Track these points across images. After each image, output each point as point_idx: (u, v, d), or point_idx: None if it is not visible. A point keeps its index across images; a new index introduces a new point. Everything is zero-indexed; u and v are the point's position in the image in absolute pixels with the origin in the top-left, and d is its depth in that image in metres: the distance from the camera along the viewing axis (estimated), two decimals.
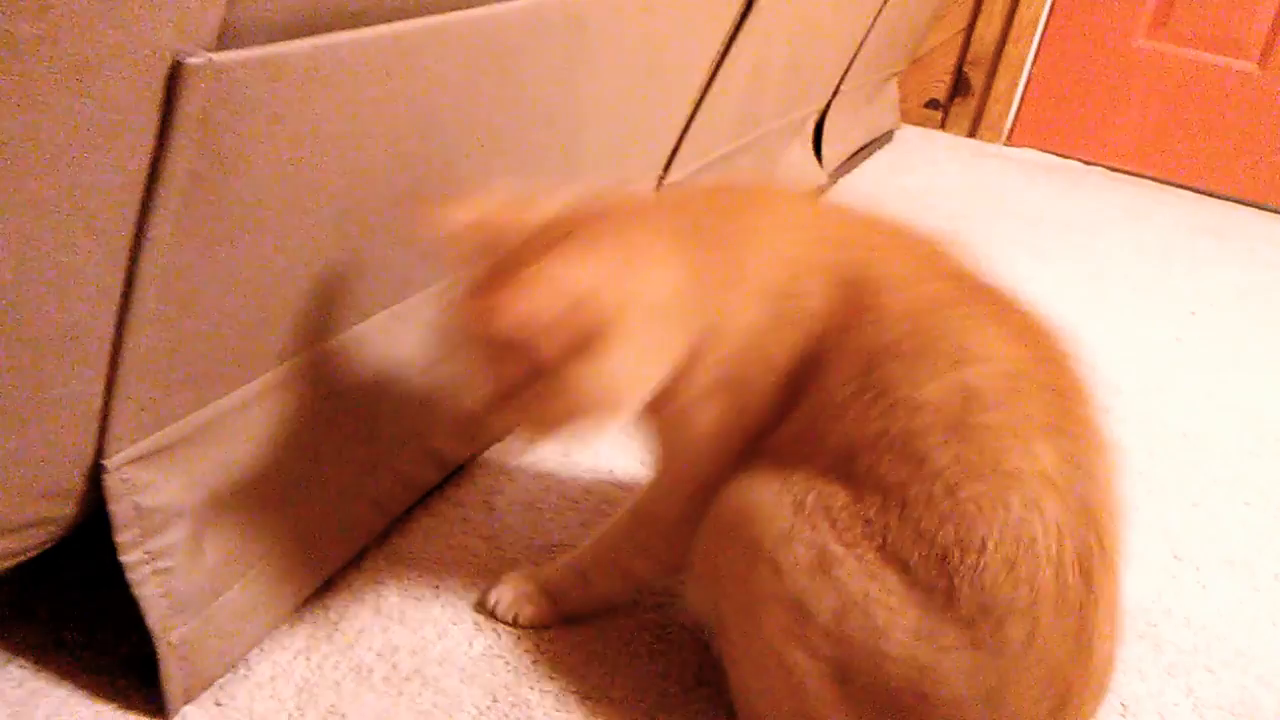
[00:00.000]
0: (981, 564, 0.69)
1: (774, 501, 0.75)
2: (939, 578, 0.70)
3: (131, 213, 0.62)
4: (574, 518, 1.10)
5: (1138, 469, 1.38)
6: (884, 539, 0.72)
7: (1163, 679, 1.01)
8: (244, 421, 0.84)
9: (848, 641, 0.71)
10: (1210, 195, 2.76)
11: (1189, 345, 1.81)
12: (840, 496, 0.74)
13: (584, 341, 0.72)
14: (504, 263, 0.77)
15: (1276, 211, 2.70)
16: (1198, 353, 1.78)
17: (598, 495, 1.15)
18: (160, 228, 0.64)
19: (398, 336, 0.99)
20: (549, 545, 1.05)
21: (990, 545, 0.69)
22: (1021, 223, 2.33)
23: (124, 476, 0.74)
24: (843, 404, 0.76)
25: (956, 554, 0.70)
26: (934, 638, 0.70)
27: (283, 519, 0.89)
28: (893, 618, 0.70)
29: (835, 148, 2.35)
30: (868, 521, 0.72)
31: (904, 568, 0.71)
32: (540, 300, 0.71)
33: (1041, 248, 2.18)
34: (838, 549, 0.72)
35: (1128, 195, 2.68)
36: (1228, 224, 2.55)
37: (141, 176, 0.61)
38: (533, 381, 0.74)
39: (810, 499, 0.74)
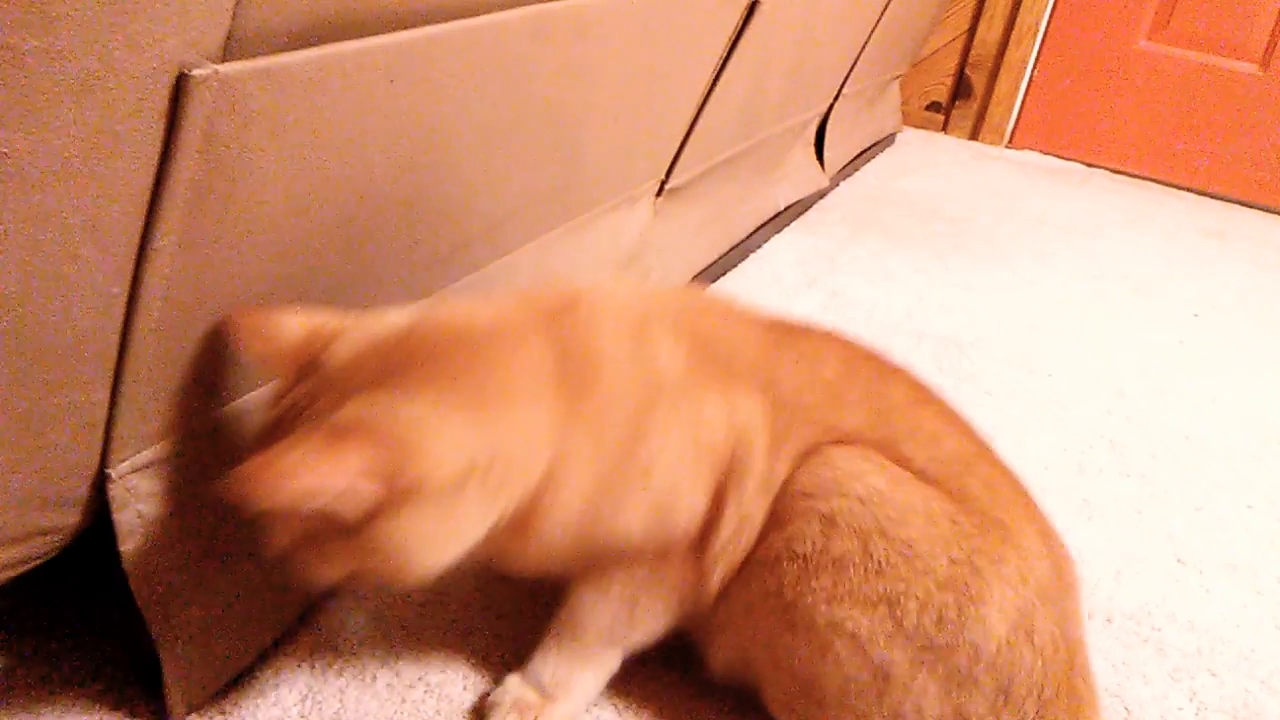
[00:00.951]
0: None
1: None
2: None
3: (136, 224, 0.63)
4: None
5: (1140, 472, 1.38)
6: None
7: (1166, 683, 1.01)
8: (248, 428, 0.84)
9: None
10: (1213, 197, 2.76)
11: (1192, 348, 1.80)
12: None
13: (386, 504, 0.65)
14: (311, 401, 0.69)
15: (1278, 213, 2.70)
16: (1200, 355, 1.78)
17: None
18: (165, 239, 0.64)
19: None
20: None
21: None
22: (1023, 225, 2.33)
23: (129, 485, 0.74)
24: None
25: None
26: None
27: None
28: None
29: (837, 151, 2.35)
30: None
31: None
32: (337, 464, 0.62)
33: (1044, 250, 2.18)
34: None
35: (1130, 197, 2.68)
36: (1230, 226, 2.55)
37: (146, 188, 0.61)
38: (325, 536, 0.67)
39: None
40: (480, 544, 0.74)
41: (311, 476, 0.61)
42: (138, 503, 0.75)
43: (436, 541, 0.69)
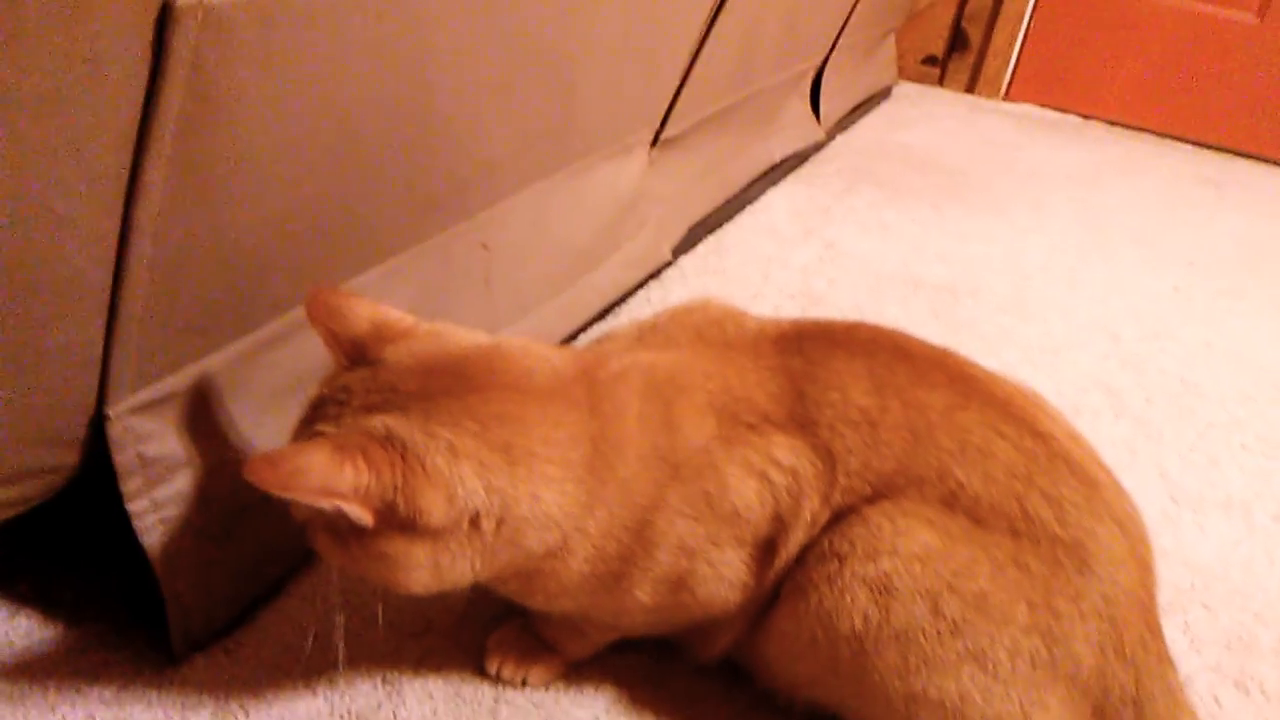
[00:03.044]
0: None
1: None
2: None
3: (124, 157, 0.62)
4: None
5: (1135, 415, 1.38)
6: None
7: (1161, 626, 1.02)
8: (248, 372, 0.84)
9: None
10: (1209, 147, 2.74)
11: (1187, 294, 1.80)
12: None
13: (381, 526, 0.67)
14: (354, 396, 0.70)
15: (1275, 163, 2.69)
16: (1196, 302, 1.78)
17: None
18: (154, 172, 0.64)
19: (394, 290, 0.99)
20: None
21: None
22: (1020, 176, 2.32)
23: (127, 425, 0.74)
24: None
25: None
26: None
27: None
28: None
29: (833, 104, 2.34)
30: None
31: None
32: (341, 479, 0.64)
33: (1040, 201, 2.17)
34: None
35: (1126, 148, 2.66)
36: (1226, 175, 2.54)
37: (134, 120, 0.61)
38: (331, 527, 0.69)
39: None
40: (488, 582, 0.75)
41: (314, 481, 0.63)
42: (138, 444, 0.76)
43: (424, 571, 0.70)
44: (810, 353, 0.81)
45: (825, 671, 0.75)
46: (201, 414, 0.80)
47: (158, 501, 0.77)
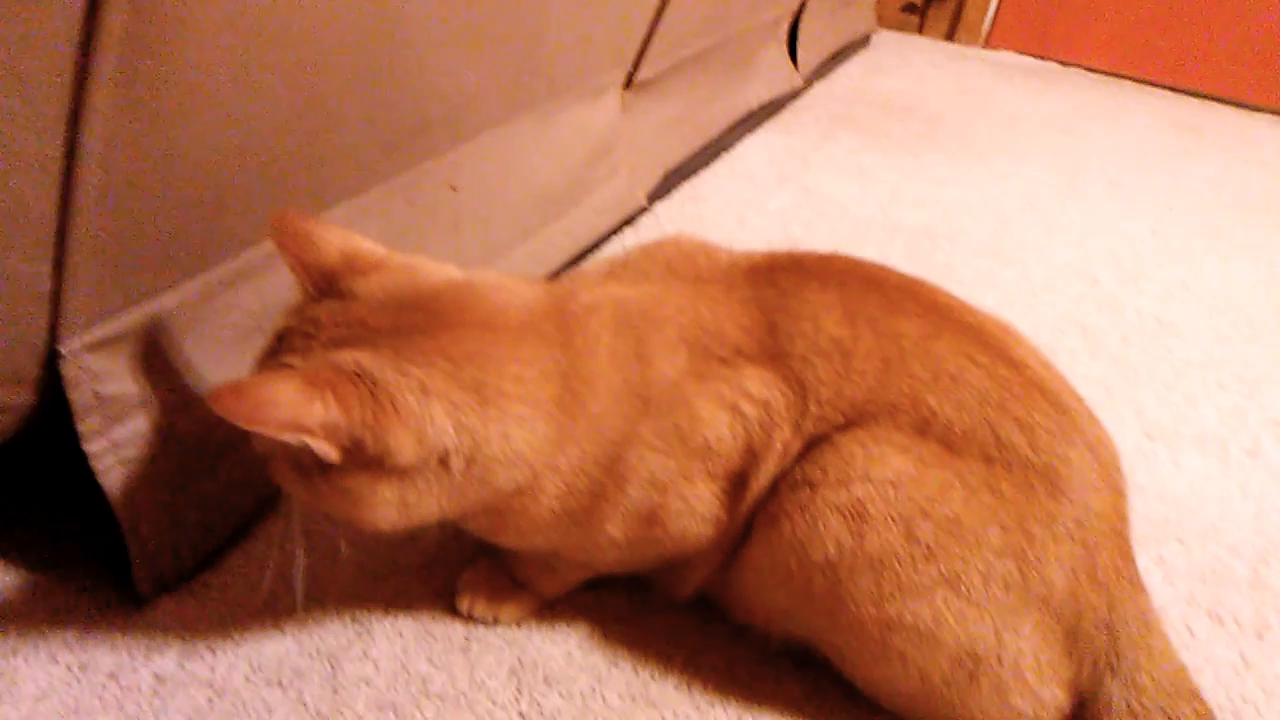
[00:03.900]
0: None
1: None
2: None
3: (65, 78, 0.60)
4: None
5: (1111, 355, 1.38)
6: None
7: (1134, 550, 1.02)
8: (208, 311, 0.82)
9: None
10: (1188, 93, 2.73)
11: (1165, 237, 1.80)
12: None
13: (368, 458, 0.65)
14: (325, 328, 0.68)
15: (1253, 108, 2.68)
16: (1173, 244, 1.78)
17: None
18: (99, 96, 0.62)
19: (359, 230, 0.96)
20: None
21: None
22: (999, 123, 2.30)
23: (81, 363, 0.72)
24: None
25: None
26: None
27: None
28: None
29: (810, 51, 2.31)
30: None
31: None
32: (309, 412, 0.62)
33: (1019, 147, 2.16)
34: None
35: (1106, 94, 2.65)
36: (1205, 121, 2.53)
37: (74, 40, 0.58)
38: (296, 462, 0.67)
39: None
40: (459, 519, 0.74)
41: (282, 414, 0.61)
42: (94, 382, 0.74)
43: (391, 508, 0.68)
44: (783, 284, 0.79)
45: (799, 602, 0.75)
46: (160, 353, 0.78)
47: (116, 442, 0.75)
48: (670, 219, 1.59)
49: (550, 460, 0.72)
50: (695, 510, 0.75)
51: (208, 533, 0.84)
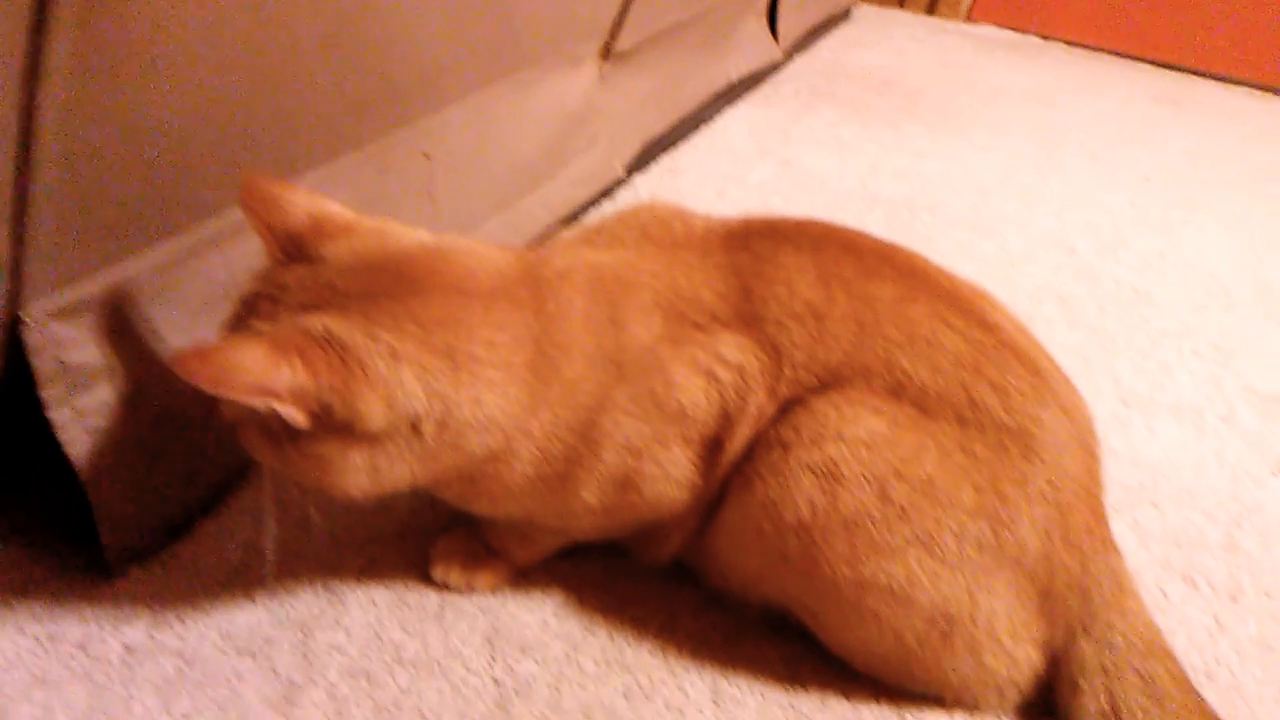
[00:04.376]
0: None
1: None
2: None
3: (18, 39, 0.58)
4: None
5: (1089, 324, 1.38)
6: None
7: (1108, 515, 1.03)
8: (175, 279, 0.81)
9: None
10: (1167, 67, 2.73)
11: (1143, 208, 1.80)
12: None
13: (317, 428, 0.65)
14: (293, 292, 0.67)
15: (1231, 81, 2.69)
16: (1151, 215, 1.78)
17: None
18: (56, 55, 0.60)
19: (333, 197, 0.95)
20: None
21: None
22: (979, 96, 2.30)
23: (44, 330, 0.71)
24: None
25: None
26: None
27: None
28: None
29: (790, 24, 2.29)
30: None
31: None
32: (278, 377, 0.61)
33: (999, 120, 2.15)
34: None
35: (1085, 68, 2.65)
36: (1183, 94, 2.53)
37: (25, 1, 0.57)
38: (266, 429, 0.67)
39: None
40: (432, 486, 0.73)
41: (250, 379, 0.61)
42: (58, 350, 0.72)
43: (361, 474, 0.68)
44: (758, 249, 0.79)
45: (774, 564, 0.74)
46: (126, 322, 0.77)
47: (82, 410, 0.74)
48: (649, 191, 1.58)
49: (523, 425, 0.71)
50: (670, 475, 0.75)
51: (177, 503, 0.83)
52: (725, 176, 1.68)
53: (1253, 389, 1.29)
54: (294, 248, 0.70)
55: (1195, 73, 2.71)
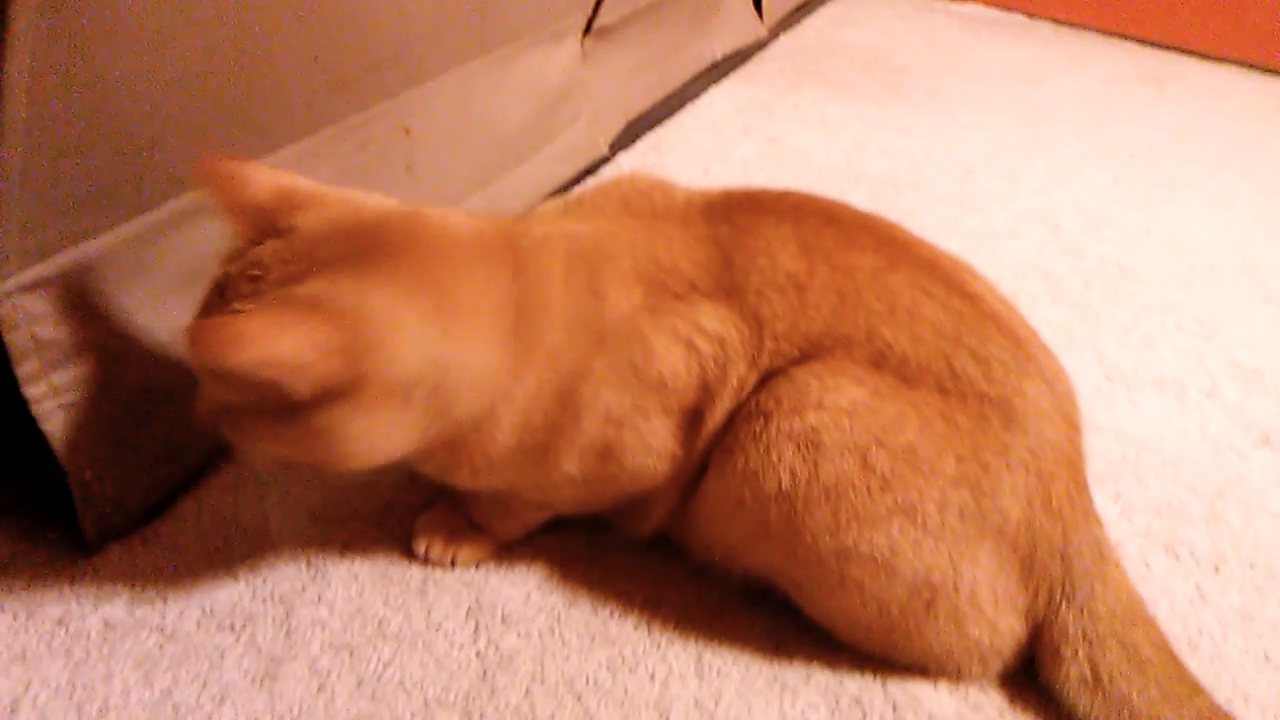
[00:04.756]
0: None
1: None
2: None
3: None
4: None
5: (1073, 300, 1.39)
6: None
7: (1091, 487, 1.03)
8: (149, 254, 0.80)
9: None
10: (1152, 45, 2.73)
11: (1127, 185, 1.80)
12: None
13: (334, 389, 0.63)
14: (274, 267, 0.66)
15: (1216, 59, 2.69)
16: (1135, 192, 1.78)
17: None
18: (21, 21, 0.59)
19: (308, 174, 0.94)
20: None
21: None
22: (965, 75, 2.29)
23: (16, 304, 0.70)
24: None
25: None
26: None
27: None
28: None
29: (776, 2, 2.28)
30: None
31: None
32: (298, 338, 0.60)
33: (984, 98, 2.15)
34: None
35: (1072, 46, 2.64)
36: (1169, 72, 2.53)
37: None
38: (264, 412, 0.65)
39: None
40: (415, 458, 0.72)
41: (271, 345, 0.59)
42: (31, 325, 0.72)
43: (369, 439, 0.66)
44: (738, 220, 0.78)
45: (756, 535, 0.74)
46: (101, 297, 0.76)
47: (57, 387, 0.74)
48: (633, 168, 1.57)
49: (507, 390, 0.71)
50: (651, 446, 0.75)
51: (156, 480, 0.83)
52: (710, 154, 1.67)
53: (1236, 363, 1.29)
54: (263, 223, 0.69)
55: (1181, 50, 2.70)
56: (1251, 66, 2.64)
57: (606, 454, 0.75)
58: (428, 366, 0.66)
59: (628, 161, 1.59)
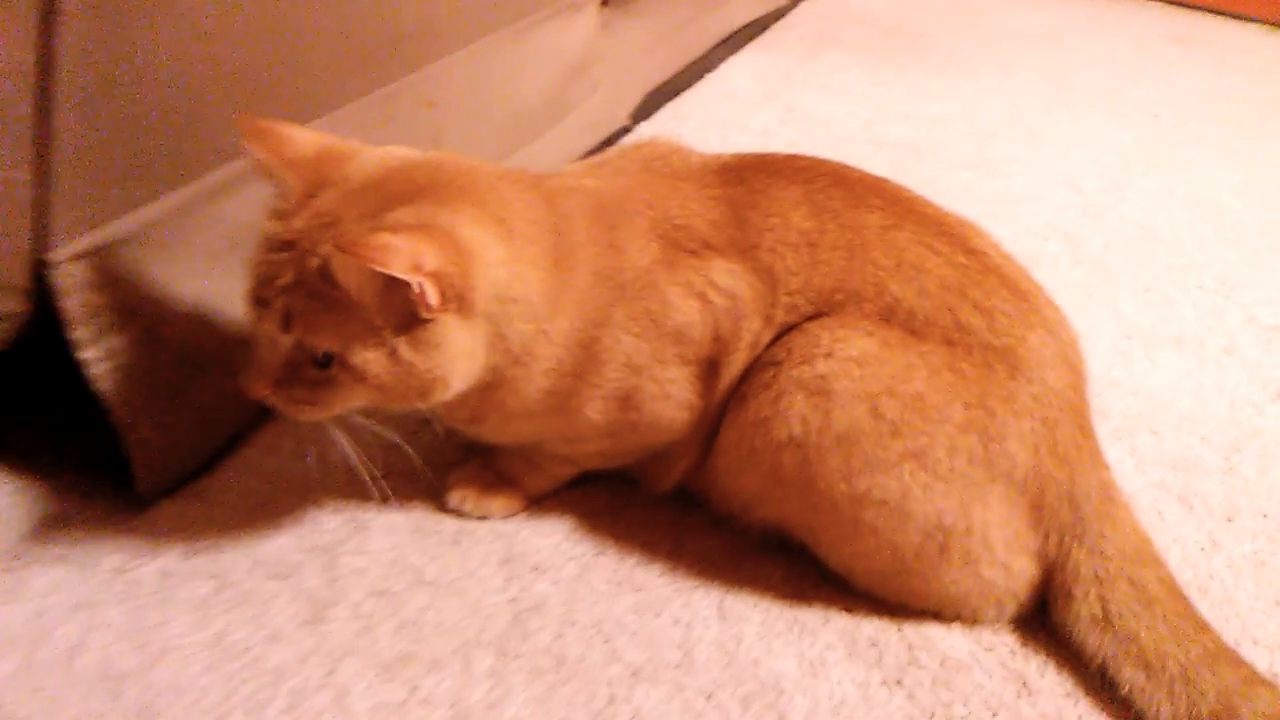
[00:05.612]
0: None
1: None
2: None
3: None
4: None
5: (1093, 260, 1.40)
6: None
7: (1106, 441, 1.04)
8: (195, 222, 0.83)
9: None
10: (1178, 4, 2.70)
11: (1151, 146, 1.80)
12: None
13: (454, 300, 0.67)
14: (340, 214, 0.69)
15: (1242, 18, 2.66)
16: (1158, 153, 1.78)
17: None
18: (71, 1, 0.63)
19: None
20: None
21: None
22: (987, 39, 2.29)
23: (70, 272, 0.74)
24: None
25: None
26: None
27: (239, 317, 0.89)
28: None
29: None
30: None
31: None
32: (435, 245, 0.65)
33: (1006, 61, 2.14)
34: None
35: (1096, 9, 2.62)
36: (1194, 32, 2.51)
37: None
38: (370, 338, 0.68)
39: None
40: (452, 404, 0.75)
41: (418, 254, 0.63)
42: (84, 291, 0.75)
43: (462, 360, 0.70)
44: (751, 182, 0.82)
45: (771, 484, 0.77)
46: (149, 264, 0.80)
47: (110, 350, 0.77)
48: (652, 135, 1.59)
49: (545, 328, 0.75)
50: (669, 394, 0.78)
51: (203, 439, 0.87)
52: (729, 123, 1.69)
53: (1255, 320, 1.30)
54: (313, 175, 0.72)
55: (1207, 10, 2.68)
56: (1279, 26, 2.61)
57: (627, 402, 0.78)
58: (501, 278, 0.71)
59: (648, 131, 1.61)
